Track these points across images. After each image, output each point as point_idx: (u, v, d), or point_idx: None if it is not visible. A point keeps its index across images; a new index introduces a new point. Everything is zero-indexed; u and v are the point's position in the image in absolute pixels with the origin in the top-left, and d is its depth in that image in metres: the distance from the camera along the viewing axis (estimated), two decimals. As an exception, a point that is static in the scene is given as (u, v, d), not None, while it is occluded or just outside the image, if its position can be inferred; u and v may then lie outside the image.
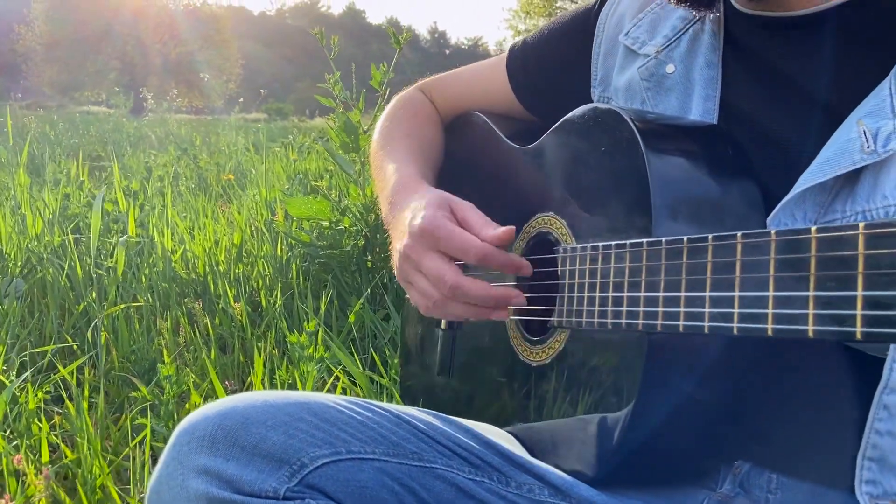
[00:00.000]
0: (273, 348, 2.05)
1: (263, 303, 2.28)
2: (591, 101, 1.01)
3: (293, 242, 2.51)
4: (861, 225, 0.48)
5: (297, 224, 2.50)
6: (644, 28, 0.94)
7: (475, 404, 1.00)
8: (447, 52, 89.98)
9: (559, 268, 0.82)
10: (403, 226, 0.88)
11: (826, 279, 0.50)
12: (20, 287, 2.44)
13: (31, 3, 37.80)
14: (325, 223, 2.40)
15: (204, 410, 0.72)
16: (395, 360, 1.66)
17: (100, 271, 2.34)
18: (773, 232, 0.55)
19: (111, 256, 2.68)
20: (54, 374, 1.71)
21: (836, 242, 0.50)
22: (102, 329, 1.97)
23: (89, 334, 1.92)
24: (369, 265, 2.37)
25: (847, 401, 0.71)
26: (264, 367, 1.77)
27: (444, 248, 0.82)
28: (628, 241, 0.70)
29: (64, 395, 1.62)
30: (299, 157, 5.16)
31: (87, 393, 1.66)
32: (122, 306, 1.97)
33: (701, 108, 0.84)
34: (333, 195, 2.36)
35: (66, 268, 2.38)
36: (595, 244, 0.75)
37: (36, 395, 1.62)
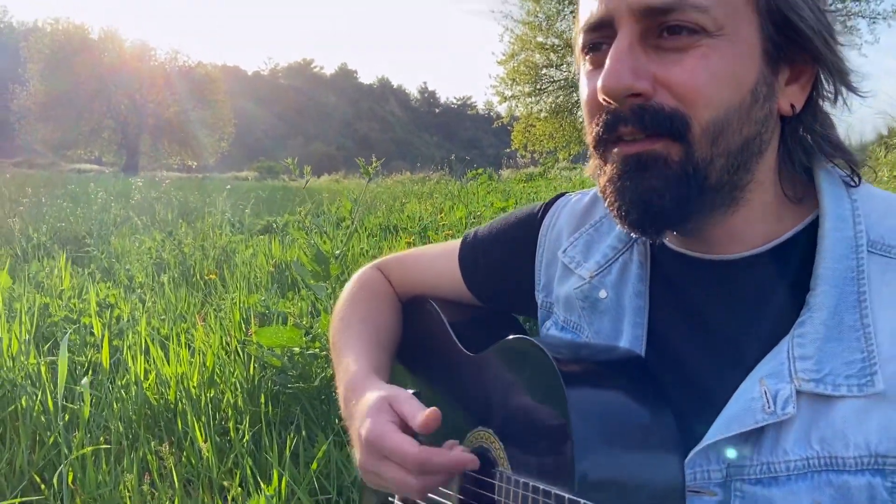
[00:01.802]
0: (239, 486, 2.08)
1: (232, 434, 2.31)
2: (536, 303, 1.07)
3: (265, 363, 2.56)
4: None
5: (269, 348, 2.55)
6: (579, 249, 0.99)
7: None
8: (436, 110, 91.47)
9: (495, 495, 0.88)
10: (355, 435, 0.93)
11: None
12: (-7, 411, 2.47)
13: (26, 64, 38.38)
14: (296, 349, 2.45)
15: None
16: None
17: (70, 404, 2.38)
18: None
19: (87, 374, 2.72)
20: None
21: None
22: (69, 469, 2.00)
23: (56, 480, 1.95)
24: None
25: None
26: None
27: (390, 458, 0.87)
28: (553, 492, 0.75)
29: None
30: (282, 245, 5.25)
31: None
32: (91, 448, 2.01)
33: (630, 334, 0.89)
34: (305, 322, 2.43)
35: (40, 394, 2.42)
36: (526, 482, 0.80)
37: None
